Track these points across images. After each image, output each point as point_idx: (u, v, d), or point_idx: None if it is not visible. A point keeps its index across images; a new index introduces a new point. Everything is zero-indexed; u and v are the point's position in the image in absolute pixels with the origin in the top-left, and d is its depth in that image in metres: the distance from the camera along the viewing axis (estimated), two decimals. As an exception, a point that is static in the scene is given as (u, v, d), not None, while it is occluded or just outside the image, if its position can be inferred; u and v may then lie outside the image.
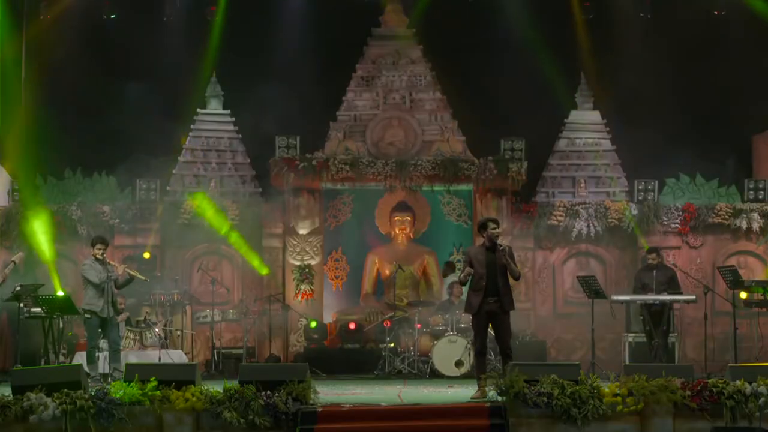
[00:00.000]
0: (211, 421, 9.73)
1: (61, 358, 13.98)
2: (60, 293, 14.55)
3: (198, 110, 18.11)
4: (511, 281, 11.33)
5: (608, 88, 18.05)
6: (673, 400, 9.82)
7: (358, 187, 17.57)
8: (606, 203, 17.52)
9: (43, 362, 13.60)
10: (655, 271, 14.65)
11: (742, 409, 9.82)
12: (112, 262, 13.26)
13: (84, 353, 13.55)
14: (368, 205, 17.81)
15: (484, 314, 11.20)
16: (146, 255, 16.64)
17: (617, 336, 16.17)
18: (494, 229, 11.25)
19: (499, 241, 11.27)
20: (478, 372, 11.30)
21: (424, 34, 18.25)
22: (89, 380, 11.60)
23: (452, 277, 16.44)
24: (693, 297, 14.68)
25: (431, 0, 18.15)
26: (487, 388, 10.79)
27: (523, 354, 14.20)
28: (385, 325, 15.79)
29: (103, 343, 13.28)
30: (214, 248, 17.49)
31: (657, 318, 14.36)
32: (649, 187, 17.64)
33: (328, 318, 17.16)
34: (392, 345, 15.61)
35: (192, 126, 18.03)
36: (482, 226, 11.40)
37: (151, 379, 9.85)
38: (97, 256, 12.97)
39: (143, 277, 13.48)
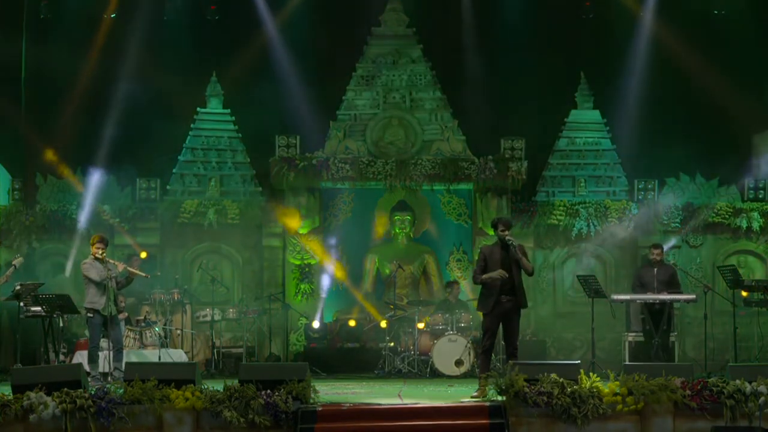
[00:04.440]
0: (211, 420, 9.74)
1: (61, 357, 13.98)
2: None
3: (198, 109, 18.11)
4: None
5: (608, 87, 18.05)
6: (673, 400, 9.83)
7: (358, 187, 17.58)
8: (606, 203, 17.53)
9: (42, 362, 13.62)
10: (656, 269, 14.64)
11: (742, 409, 9.83)
12: (112, 261, 13.27)
13: (84, 352, 13.56)
14: (368, 204, 17.81)
15: (499, 313, 11.25)
16: (143, 254, 16.64)
17: (617, 335, 16.19)
18: (503, 231, 11.35)
19: (509, 239, 11.33)
20: (481, 370, 11.32)
21: (424, 34, 18.25)
22: (89, 379, 11.62)
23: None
24: (693, 296, 14.67)
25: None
26: (487, 388, 10.80)
27: (523, 353, 14.16)
28: (381, 325, 15.83)
29: (102, 342, 13.28)
30: (214, 248, 17.51)
31: (657, 317, 14.35)
32: (649, 186, 17.65)
33: (328, 317, 17.17)
34: (392, 344, 15.62)
35: (192, 125, 18.03)
36: (494, 226, 11.63)
37: (151, 379, 9.85)
38: (97, 255, 12.98)
39: (144, 274, 13.47)
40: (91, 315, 12.89)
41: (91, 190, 16.83)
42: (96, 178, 16.86)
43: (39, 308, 13.61)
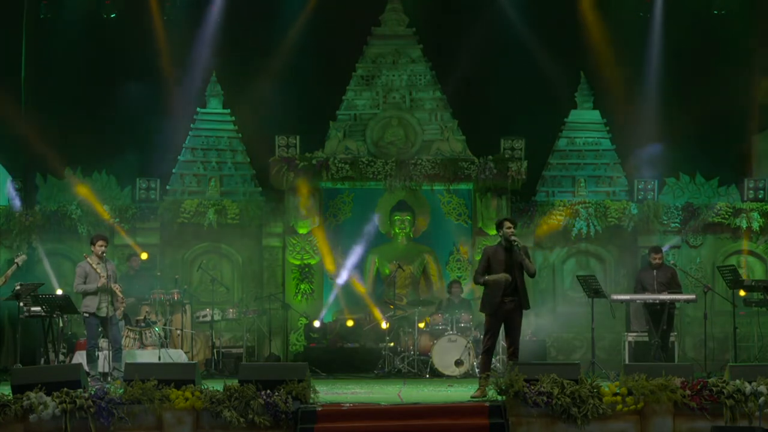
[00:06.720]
0: (211, 420, 9.73)
1: (61, 357, 13.98)
2: (59, 292, 14.56)
3: (198, 109, 18.10)
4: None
5: (608, 87, 18.05)
6: (673, 400, 9.82)
7: (358, 187, 17.58)
8: (606, 203, 17.53)
9: (42, 361, 13.60)
10: (656, 271, 14.62)
11: (741, 409, 9.82)
12: (99, 272, 13.04)
13: (83, 352, 13.55)
14: (368, 204, 17.80)
15: (502, 314, 11.25)
16: (143, 255, 16.63)
17: (617, 335, 16.18)
18: (509, 228, 11.36)
19: (513, 239, 11.34)
20: (482, 370, 11.32)
21: (424, 34, 18.25)
22: (89, 379, 11.61)
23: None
24: (693, 296, 14.68)
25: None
26: (487, 388, 10.80)
27: (523, 353, 14.18)
28: (381, 326, 15.81)
29: (102, 342, 13.28)
30: (214, 248, 17.51)
31: (657, 317, 14.34)
32: (649, 186, 17.65)
33: (328, 317, 17.17)
34: (392, 344, 15.62)
35: (192, 125, 18.03)
36: (498, 226, 11.58)
37: (151, 379, 9.84)
38: (98, 254, 12.96)
39: (121, 297, 13.06)
40: (87, 315, 12.90)
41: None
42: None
43: (39, 308, 13.60)
